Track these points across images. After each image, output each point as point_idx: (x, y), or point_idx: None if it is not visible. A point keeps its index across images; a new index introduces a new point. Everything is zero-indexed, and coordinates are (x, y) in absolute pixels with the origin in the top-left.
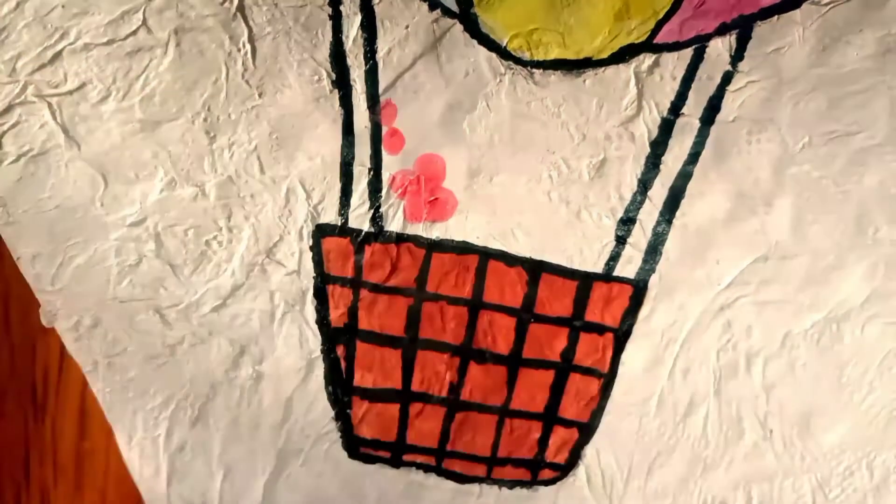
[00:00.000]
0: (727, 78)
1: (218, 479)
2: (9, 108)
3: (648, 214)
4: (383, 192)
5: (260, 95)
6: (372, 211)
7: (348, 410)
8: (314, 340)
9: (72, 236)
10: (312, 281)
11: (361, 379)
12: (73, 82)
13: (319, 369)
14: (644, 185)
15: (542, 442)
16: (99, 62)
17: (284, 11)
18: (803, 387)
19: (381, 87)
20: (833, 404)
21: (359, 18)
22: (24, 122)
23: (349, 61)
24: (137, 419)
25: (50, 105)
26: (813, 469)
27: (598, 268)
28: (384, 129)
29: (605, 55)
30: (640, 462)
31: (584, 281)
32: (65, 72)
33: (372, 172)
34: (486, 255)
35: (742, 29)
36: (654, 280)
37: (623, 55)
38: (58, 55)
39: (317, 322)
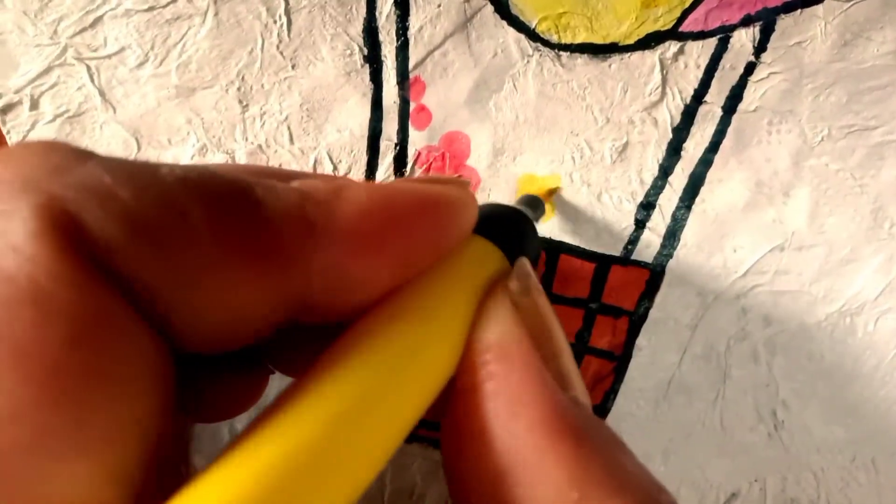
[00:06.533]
0: (750, 68)
1: None
2: (48, 70)
3: (668, 200)
4: (408, 168)
5: (293, 67)
6: None
7: None
8: None
9: None
10: None
11: None
12: (113, 46)
13: None
14: (665, 170)
15: None
16: (139, 28)
17: None
18: (815, 379)
19: (411, 63)
20: (845, 398)
21: None
22: (63, 84)
23: (381, 37)
24: None
25: (88, 68)
26: (824, 462)
27: (617, 251)
28: (412, 105)
29: (631, 41)
30: (651, 447)
31: (602, 263)
32: (105, 36)
33: (398, 147)
34: None
35: (766, 21)
36: (671, 265)
37: (649, 42)
38: (99, 19)
39: None
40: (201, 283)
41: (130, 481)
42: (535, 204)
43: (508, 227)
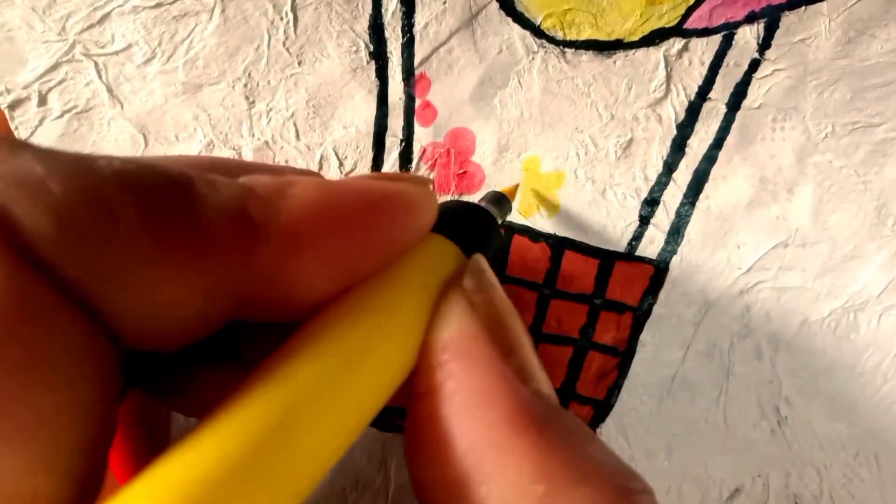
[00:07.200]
0: (754, 65)
1: None
2: (56, 66)
3: (672, 196)
4: (413, 164)
5: (299, 64)
6: None
7: None
8: None
9: None
10: None
11: None
12: (120, 43)
13: None
14: (669, 166)
15: None
16: (146, 25)
17: None
18: (818, 375)
19: (417, 60)
20: (848, 394)
21: None
22: (71, 80)
23: (387, 34)
24: None
25: (96, 64)
26: (827, 458)
27: (621, 247)
28: (417, 102)
29: (635, 38)
30: (655, 443)
31: (607, 259)
32: (112, 33)
33: (403, 144)
34: (510, 229)
35: (770, 18)
36: (675, 261)
37: (653, 39)
38: (106, 16)
39: None
40: (131, 278)
41: (67, 469)
42: (500, 201)
43: (468, 225)
